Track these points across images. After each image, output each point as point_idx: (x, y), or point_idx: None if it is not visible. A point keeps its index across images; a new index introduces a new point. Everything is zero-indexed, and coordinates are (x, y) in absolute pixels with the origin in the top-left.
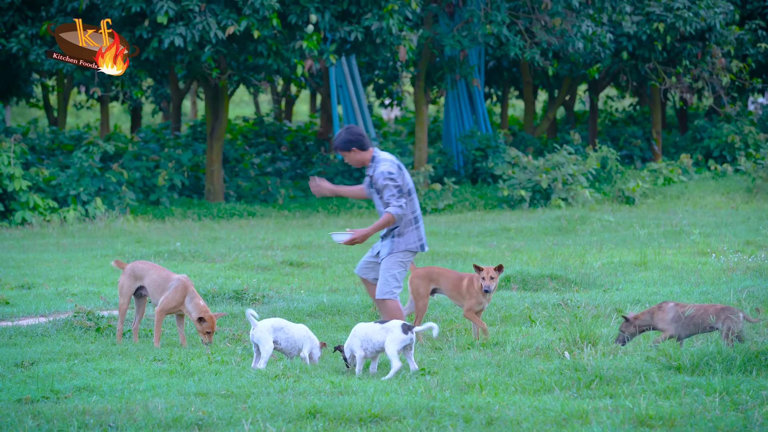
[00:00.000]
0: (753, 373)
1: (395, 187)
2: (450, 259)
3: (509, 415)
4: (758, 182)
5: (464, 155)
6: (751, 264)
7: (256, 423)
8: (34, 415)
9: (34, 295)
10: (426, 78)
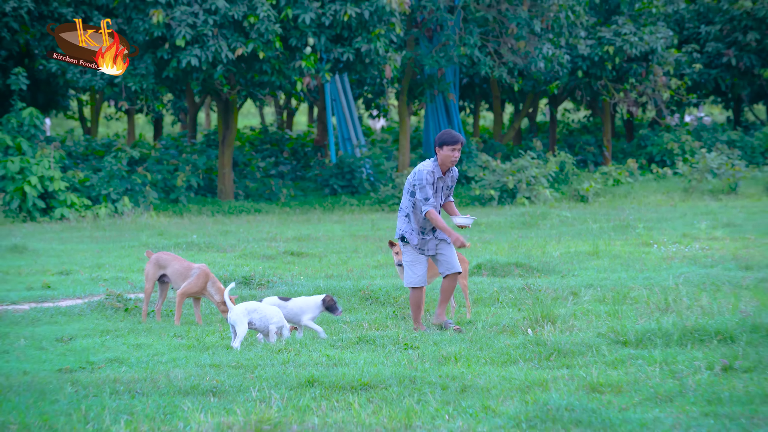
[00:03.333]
0: (688, 347)
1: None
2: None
3: (480, 383)
4: (693, 183)
5: None
6: (687, 253)
7: (262, 390)
8: (72, 383)
9: (71, 281)
10: (408, 93)
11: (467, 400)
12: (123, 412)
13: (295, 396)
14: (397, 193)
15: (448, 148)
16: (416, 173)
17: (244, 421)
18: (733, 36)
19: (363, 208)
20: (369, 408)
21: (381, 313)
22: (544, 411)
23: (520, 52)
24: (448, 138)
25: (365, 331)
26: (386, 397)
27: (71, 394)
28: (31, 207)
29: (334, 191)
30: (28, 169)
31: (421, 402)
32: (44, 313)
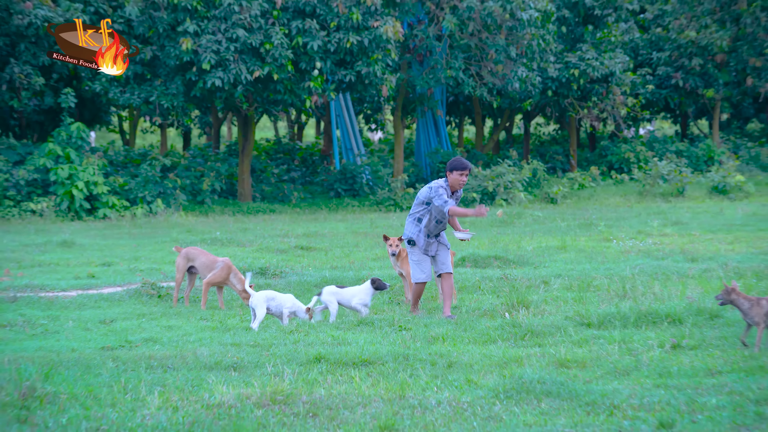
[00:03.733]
0: (642, 328)
1: None
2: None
3: (464, 360)
4: (647, 187)
5: (431, 167)
6: (642, 247)
7: (276, 366)
8: (113, 359)
9: (112, 271)
10: (402, 109)
11: (453, 374)
12: (156, 384)
13: (304, 371)
14: (393, 196)
15: (458, 172)
16: (432, 187)
17: (261, 392)
18: (680, 61)
19: (363, 209)
20: (368, 381)
21: (378, 299)
22: (519, 384)
23: (498, 74)
24: (458, 165)
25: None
26: (383, 372)
27: (112, 368)
28: (78, 208)
29: (338, 194)
30: (75, 175)
31: (413, 376)
32: (89, 299)
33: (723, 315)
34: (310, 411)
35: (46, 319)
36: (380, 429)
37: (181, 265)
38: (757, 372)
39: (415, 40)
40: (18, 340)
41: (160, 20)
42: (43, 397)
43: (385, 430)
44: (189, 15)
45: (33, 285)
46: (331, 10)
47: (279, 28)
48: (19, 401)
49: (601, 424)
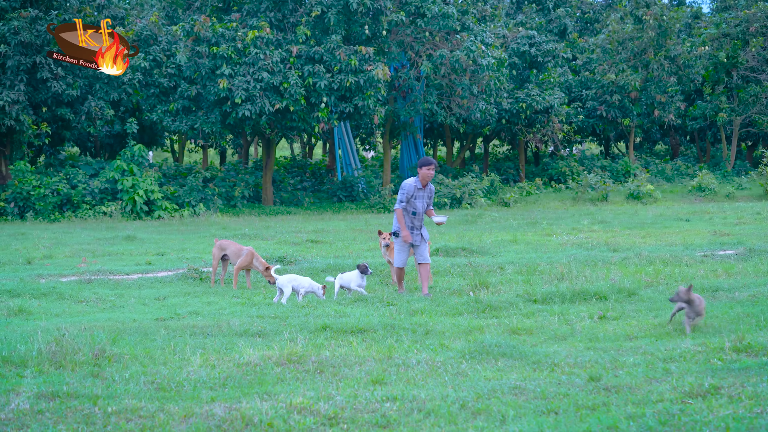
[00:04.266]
0: (576, 303)
1: None
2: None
3: (438, 328)
4: (579, 194)
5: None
6: (576, 241)
7: (291, 333)
8: (165, 327)
9: (165, 259)
10: (389, 133)
11: (429, 339)
12: (198, 347)
13: (313, 337)
14: (382, 201)
15: (425, 168)
16: (402, 185)
17: (279, 354)
18: (603, 97)
19: (359, 211)
20: (363, 345)
21: (371, 281)
22: (481, 347)
23: (463, 107)
24: (424, 162)
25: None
26: (375, 338)
27: (164, 335)
28: (138, 210)
29: (340, 199)
30: (137, 185)
31: (398, 341)
32: (147, 281)
33: (638, 293)
34: (318, 368)
35: (114, 296)
36: (372, 382)
37: (216, 254)
38: (664, 337)
39: (400, 81)
40: (92, 312)
41: (203, 65)
42: (111, 357)
43: (376, 383)
44: (225, 61)
45: (104, 270)
46: (334, 57)
47: (294, 71)
48: (92, 360)
49: (545, 378)
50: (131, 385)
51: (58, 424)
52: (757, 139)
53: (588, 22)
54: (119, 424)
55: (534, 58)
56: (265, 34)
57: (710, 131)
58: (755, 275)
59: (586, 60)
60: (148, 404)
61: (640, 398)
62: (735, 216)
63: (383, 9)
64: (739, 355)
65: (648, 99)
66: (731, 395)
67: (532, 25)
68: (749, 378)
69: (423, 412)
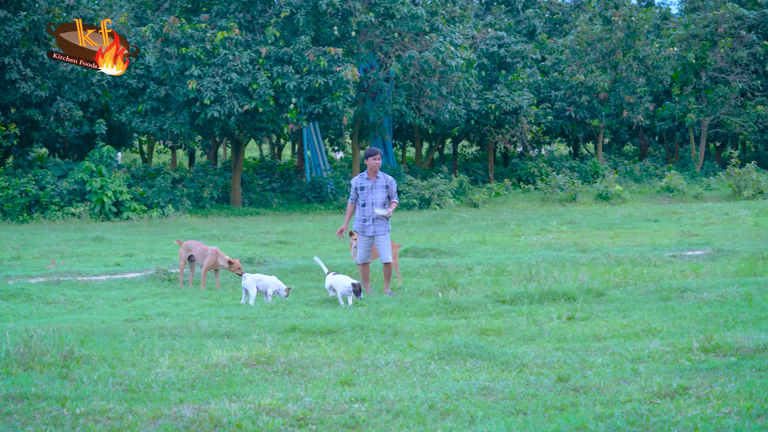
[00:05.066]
0: (545, 303)
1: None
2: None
3: (407, 329)
4: (547, 195)
5: None
6: (544, 241)
7: (260, 334)
8: (134, 329)
9: (133, 260)
10: (358, 134)
11: (398, 340)
12: (167, 348)
13: (282, 338)
14: None
15: (371, 158)
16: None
17: (248, 355)
18: (572, 98)
19: (328, 212)
20: (332, 346)
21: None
22: (449, 347)
23: (432, 107)
24: (369, 152)
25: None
26: (343, 339)
27: (133, 336)
28: (107, 211)
29: (309, 200)
30: (105, 186)
31: (367, 342)
32: (115, 282)
33: (607, 294)
34: (286, 369)
35: (82, 298)
36: (341, 383)
37: (182, 255)
38: (633, 338)
39: (369, 82)
40: (60, 313)
41: (171, 66)
42: (79, 358)
43: (345, 384)
44: (194, 62)
45: (72, 271)
46: (303, 58)
47: (263, 72)
48: (60, 361)
49: (513, 379)
50: (100, 386)
51: (26, 426)
52: (725, 139)
53: (557, 23)
54: (87, 426)
55: (503, 58)
56: (234, 35)
57: (679, 132)
58: (723, 276)
59: (555, 61)
60: (116, 405)
61: (608, 398)
62: (703, 216)
63: (352, 10)
64: (707, 355)
65: (617, 100)
66: (699, 395)
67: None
68: (717, 378)
69: (392, 412)
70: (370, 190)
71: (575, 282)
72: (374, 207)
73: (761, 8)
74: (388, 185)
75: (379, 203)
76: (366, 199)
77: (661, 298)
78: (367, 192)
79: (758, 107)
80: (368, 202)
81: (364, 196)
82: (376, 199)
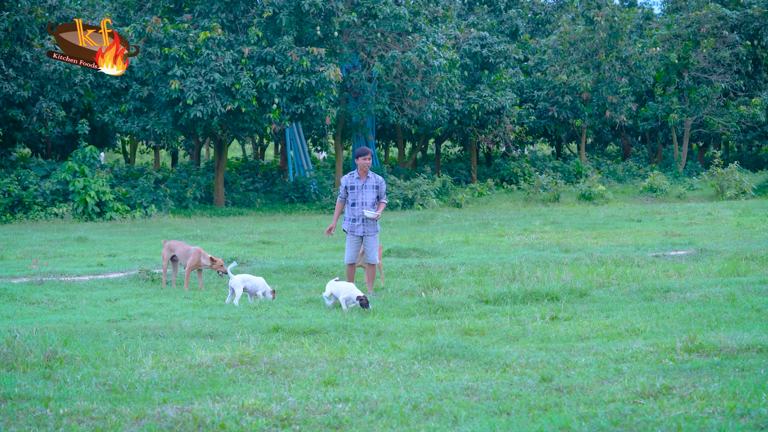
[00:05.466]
0: (528, 304)
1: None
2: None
3: (390, 329)
4: (531, 195)
5: None
6: (527, 241)
7: (243, 334)
8: (117, 329)
9: (116, 260)
10: (341, 134)
11: (381, 340)
12: (150, 348)
13: (265, 338)
14: (334, 202)
15: (361, 158)
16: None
17: (231, 355)
18: (555, 98)
19: (311, 212)
20: (315, 346)
21: (323, 282)
22: (433, 348)
23: (415, 108)
24: (360, 152)
25: (313, 295)
26: (327, 339)
27: (116, 336)
28: (90, 211)
29: (292, 200)
30: (89, 186)
31: (350, 342)
32: (98, 282)
33: (590, 294)
34: (270, 369)
35: (65, 298)
36: (324, 384)
37: (165, 255)
38: (616, 337)
39: (351, 82)
40: (43, 314)
41: (154, 66)
42: (62, 358)
43: (329, 384)
44: (177, 62)
45: (55, 271)
46: (286, 58)
47: (246, 72)
48: (44, 362)
49: (497, 379)
50: (83, 386)
51: (9, 426)
52: (708, 139)
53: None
54: (71, 426)
55: (486, 59)
56: (217, 35)
57: (661, 132)
58: (706, 276)
59: (538, 61)
60: (99, 406)
61: (591, 398)
62: (686, 216)
63: (335, 10)
64: (690, 355)
65: (599, 100)
66: (683, 395)
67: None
68: (701, 378)
69: (375, 413)
70: (360, 189)
71: (558, 282)
72: (364, 207)
73: (743, 8)
74: (378, 186)
75: (369, 203)
76: (356, 198)
77: (644, 298)
78: (357, 191)
79: (741, 107)
80: (358, 201)
81: (353, 195)
82: (365, 199)
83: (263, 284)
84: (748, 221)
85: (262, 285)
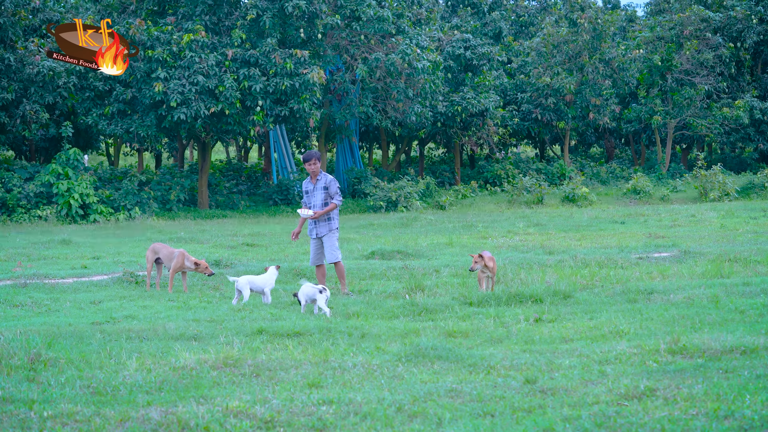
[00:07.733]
0: (512, 305)
1: (338, 189)
2: (340, 241)
3: (374, 331)
4: (514, 197)
5: (348, 181)
6: (511, 243)
7: (227, 337)
8: (101, 331)
9: (100, 263)
10: (325, 137)
11: (365, 343)
12: (134, 351)
13: (249, 341)
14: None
15: (306, 164)
16: None
17: (216, 357)
18: (539, 100)
19: (295, 214)
20: (299, 349)
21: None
22: (417, 350)
23: (399, 110)
24: (305, 157)
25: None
26: (311, 341)
27: (100, 339)
28: (74, 214)
29: (276, 203)
30: (72, 189)
31: (335, 344)
32: (82, 285)
33: (574, 295)
34: (254, 372)
35: (49, 301)
36: (309, 386)
37: (149, 258)
38: (600, 339)
39: (335, 84)
40: (27, 316)
41: (138, 69)
42: (46, 361)
43: (313, 386)
44: (160, 65)
45: (39, 274)
46: (270, 60)
47: (230, 74)
48: (28, 364)
49: (481, 381)
50: (67, 389)
51: None
52: (691, 141)
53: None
54: (55, 429)
55: (469, 61)
56: (201, 37)
57: (645, 134)
58: (690, 277)
59: (521, 63)
60: (84, 408)
61: (575, 400)
62: (670, 218)
63: (318, 12)
64: (674, 357)
65: (583, 102)
66: (667, 397)
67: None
68: (684, 380)
69: (359, 415)
70: (312, 192)
71: (542, 284)
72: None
73: (727, 10)
74: (327, 186)
75: (318, 205)
76: (309, 202)
77: (628, 300)
78: (310, 195)
79: (724, 109)
80: (310, 204)
81: (307, 198)
82: (316, 201)
83: (266, 282)
84: (731, 223)
85: (264, 283)
